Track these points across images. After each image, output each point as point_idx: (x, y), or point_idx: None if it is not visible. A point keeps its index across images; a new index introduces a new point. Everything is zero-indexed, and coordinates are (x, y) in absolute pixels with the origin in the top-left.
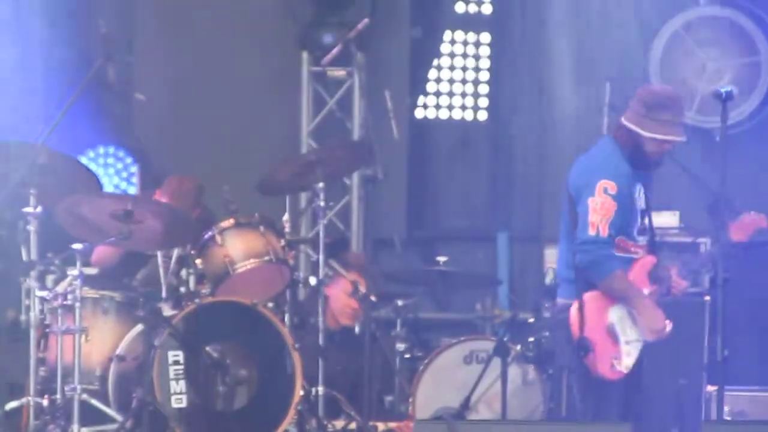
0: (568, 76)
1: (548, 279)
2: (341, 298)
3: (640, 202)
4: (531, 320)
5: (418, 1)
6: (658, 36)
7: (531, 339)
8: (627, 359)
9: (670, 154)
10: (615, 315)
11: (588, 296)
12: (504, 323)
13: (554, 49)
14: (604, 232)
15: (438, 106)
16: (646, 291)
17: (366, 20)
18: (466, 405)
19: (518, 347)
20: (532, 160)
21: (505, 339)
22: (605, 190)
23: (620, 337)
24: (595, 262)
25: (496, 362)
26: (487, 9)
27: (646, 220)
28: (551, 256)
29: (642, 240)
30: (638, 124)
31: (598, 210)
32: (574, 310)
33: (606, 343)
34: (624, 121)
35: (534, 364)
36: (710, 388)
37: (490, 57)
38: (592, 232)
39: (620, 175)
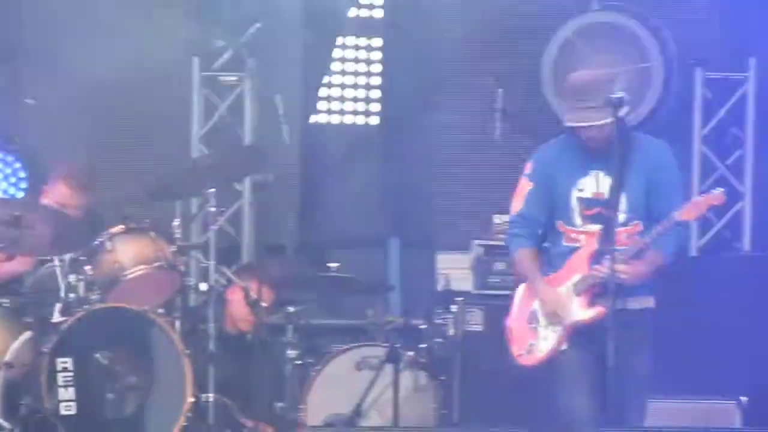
0: (460, 81)
1: (440, 285)
2: (242, 304)
3: (590, 190)
4: (423, 326)
5: (311, 5)
6: (550, 42)
7: (423, 345)
8: (543, 343)
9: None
10: (539, 301)
11: (521, 285)
12: (396, 329)
13: (446, 54)
14: (514, 210)
15: (330, 111)
16: (578, 275)
17: (258, 25)
18: (357, 412)
19: (410, 353)
20: (424, 165)
21: (397, 345)
22: (524, 171)
23: (540, 323)
24: (506, 242)
25: (388, 369)
26: (378, 13)
27: (603, 210)
28: (443, 262)
29: (592, 227)
30: (564, 114)
31: (517, 190)
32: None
33: (525, 330)
34: None
35: (426, 371)
36: None
37: (381, 62)
38: (510, 212)
39: (542, 157)
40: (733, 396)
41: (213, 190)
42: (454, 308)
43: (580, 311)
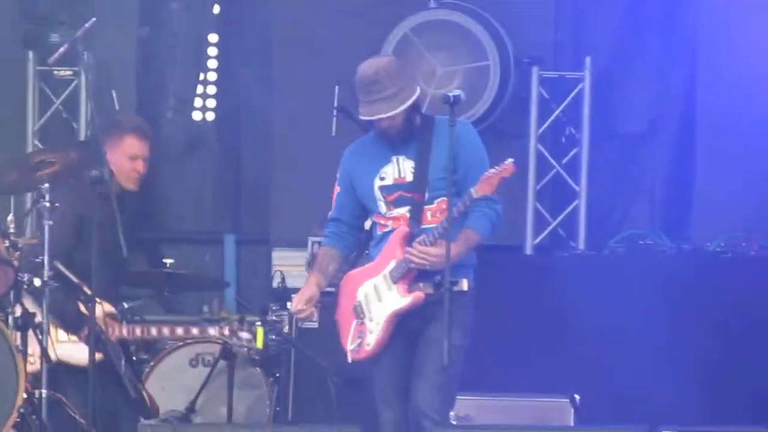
0: (298, 78)
1: (275, 282)
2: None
3: (391, 177)
4: (258, 323)
5: (147, 0)
6: (387, 39)
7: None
8: (369, 337)
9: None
10: (362, 293)
11: (347, 275)
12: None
13: (283, 51)
14: (331, 214)
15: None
16: (393, 262)
17: (94, 20)
18: (191, 408)
19: (244, 350)
20: (261, 162)
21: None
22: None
23: (366, 315)
24: None
25: (223, 365)
26: (215, 9)
27: (404, 192)
28: (279, 259)
29: (400, 211)
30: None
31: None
32: None
33: (353, 325)
34: None
35: (260, 368)
36: None
37: (217, 57)
38: None
39: (345, 159)
40: (567, 393)
41: (47, 185)
42: (289, 305)
43: (398, 299)
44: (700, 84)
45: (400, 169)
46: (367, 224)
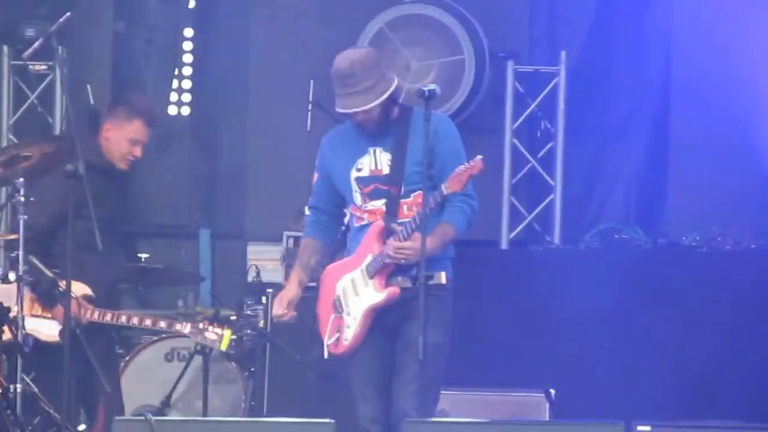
0: (272, 73)
1: (250, 276)
2: None
3: (368, 168)
4: (233, 317)
5: None
6: (362, 34)
7: (233, 337)
8: (347, 331)
9: None
10: (340, 287)
11: (328, 268)
12: (206, 320)
13: (259, 46)
14: (310, 201)
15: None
16: (370, 257)
17: (68, 14)
18: (167, 403)
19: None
20: (236, 156)
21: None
22: None
23: (344, 310)
24: None
25: (198, 360)
26: (190, 3)
27: (379, 185)
28: (254, 254)
29: (376, 204)
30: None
31: None
32: None
33: (332, 319)
34: None
35: (235, 362)
36: None
37: (193, 52)
38: None
39: (323, 146)
40: (543, 388)
41: (22, 179)
42: (264, 299)
43: (374, 294)
44: (674, 77)
45: (377, 161)
46: (346, 219)
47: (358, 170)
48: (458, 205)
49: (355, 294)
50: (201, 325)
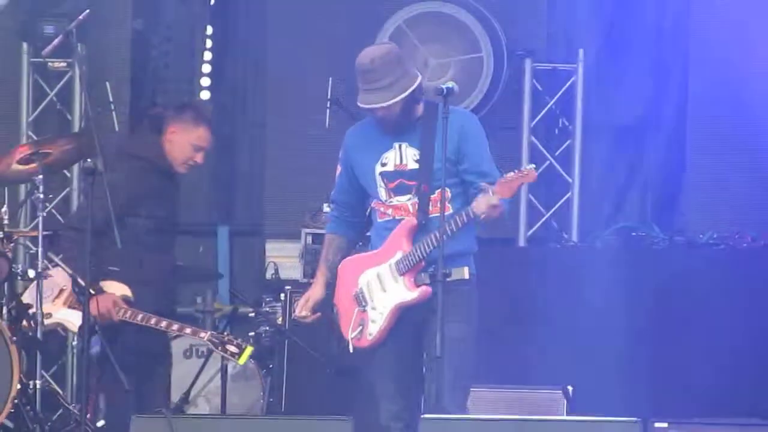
0: (292, 70)
1: (269, 273)
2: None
3: (393, 163)
4: (251, 314)
5: None
6: (381, 31)
7: (251, 333)
8: (372, 326)
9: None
10: (364, 280)
11: (346, 260)
12: (224, 317)
13: (277, 43)
14: (332, 194)
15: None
16: (400, 254)
17: (87, 11)
18: (185, 399)
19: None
20: (255, 154)
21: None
22: None
23: (368, 304)
24: None
25: (216, 357)
26: (210, 1)
27: (405, 180)
28: (272, 251)
29: (401, 200)
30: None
31: None
32: None
33: (353, 310)
34: None
35: (254, 359)
36: None
37: (212, 50)
38: None
39: (347, 140)
40: (560, 385)
41: (41, 176)
42: (282, 296)
43: (405, 292)
44: (692, 75)
45: (402, 155)
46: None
47: (383, 165)
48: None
49: (383, 290)
50: (225, 337)
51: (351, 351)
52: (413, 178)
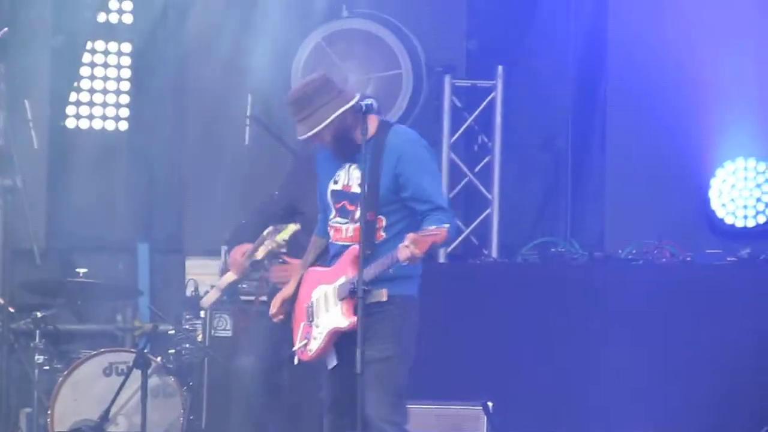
0: (211, 87)
1: (189, 290)
2: None
3: (341, 182)
4: (171, 331)
5: (60, 10)
6: (300, 48)
7: (171, 351)
8: (313, 342)
9: None
10: (315, 296)
11: (312, 269)
12: (145, 335)
13: (197, 59)
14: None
15: (78, 116)
16: (343, 278)
17: (6, 29)
18: (105, 417)
19: (159, 359)
20: (174, 170)
21: (146, 351)
22: None
23: (314, 320)
24: None
25: (136, 374)
26: (128, 18)
27: (348, 203)
28: (192, 267)
29: (339, 222)
30: None
31: None
32: None
33: (301, 322)
34: None
35: (174, 376)
36: None
37: (131, 67)
38: None
39: (317, 149)
40: (480, 401)
41: None
42: (202, 314)
43: (340, 318)
44: (609, 89)
45: (349, 176)
46: None
47: (335, 183)
48: (436, 215)
49: (326, 310)
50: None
51: (296, 363)
52: (354, 203)
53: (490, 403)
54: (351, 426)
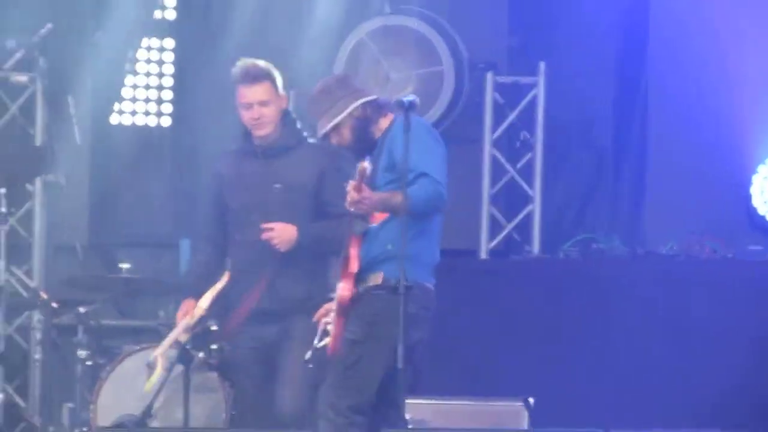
0: None
1: None
2: None
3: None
4: (214, 327)
5: (103, 5)
6: (342, 45)
7: (214, 346)
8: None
9: None
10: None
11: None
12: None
13: (239, 56)
14: None
15: (121, 112)
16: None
17: (49, 25)
18: (148, 412)
19: (201, 355)
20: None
21: (188, 346)
22: None
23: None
24: None
25: (179, 370)
26: (170, 15)
27: None
28: None
29: None
30: None
31: None
32: None
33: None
34: None
35: (217, 372)
36: None
37: (173, 63)
38: None
39: None
40: (521, 397)
41: (3, 190)
42: None
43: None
44: (651, 86)
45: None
46: None
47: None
48: (419, 181)
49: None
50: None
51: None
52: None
53: (531, 399)
54: (384, 421)
